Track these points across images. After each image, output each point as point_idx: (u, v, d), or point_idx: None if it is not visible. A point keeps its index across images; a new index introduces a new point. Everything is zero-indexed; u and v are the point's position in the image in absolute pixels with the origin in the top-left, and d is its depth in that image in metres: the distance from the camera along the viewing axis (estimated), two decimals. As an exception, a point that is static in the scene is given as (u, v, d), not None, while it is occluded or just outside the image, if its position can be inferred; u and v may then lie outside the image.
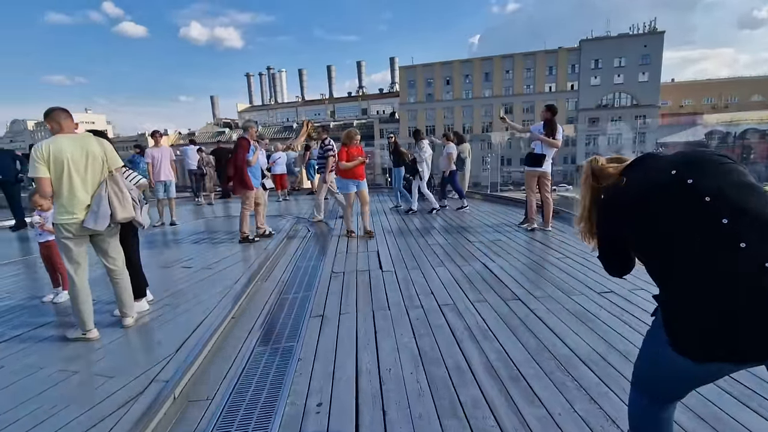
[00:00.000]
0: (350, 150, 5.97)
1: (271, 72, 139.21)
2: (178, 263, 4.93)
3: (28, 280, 4.77)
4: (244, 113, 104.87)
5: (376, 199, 10.67)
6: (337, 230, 6.88)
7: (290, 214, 8.68)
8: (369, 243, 5.81)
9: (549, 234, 5.87)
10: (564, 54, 63.48)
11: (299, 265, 4.88)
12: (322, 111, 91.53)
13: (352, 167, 5.99)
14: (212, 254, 5.38)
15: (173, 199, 7.96)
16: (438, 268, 4.46)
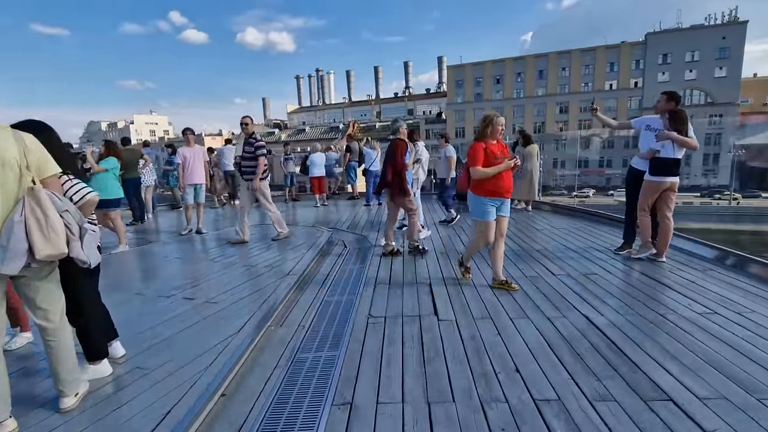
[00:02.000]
0: (489, 147, 3.72)
1: (319, 74, 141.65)
2: (181, 291, 3.97)
3: None
4: (293, 114, 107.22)
5: (425, 206, 9.42)
6: (379, 247, 5.73)
7: (326, 225, 7.63)
8: (419, 270, 4.59)
9: (664, 267, 4.36)
10: (627, 49, 58.78)
11: (327, 300, 3.75)
12: (369, 112, 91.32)
13: (495, 174, 3.69)
14: (225, 278, 4.39)
15: (202, 204, 7.19)
16: (518, 321, 3.15)
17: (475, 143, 3.78)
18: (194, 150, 6.92)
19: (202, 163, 6.98)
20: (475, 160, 3.69)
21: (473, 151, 3.75)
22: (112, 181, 5.79)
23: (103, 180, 5.67)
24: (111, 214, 5.73)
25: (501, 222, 3.86)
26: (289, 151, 11.01)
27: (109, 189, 5.69)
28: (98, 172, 5.77)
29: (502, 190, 3.74)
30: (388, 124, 75.00)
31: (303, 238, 6.28)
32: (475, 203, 3.81)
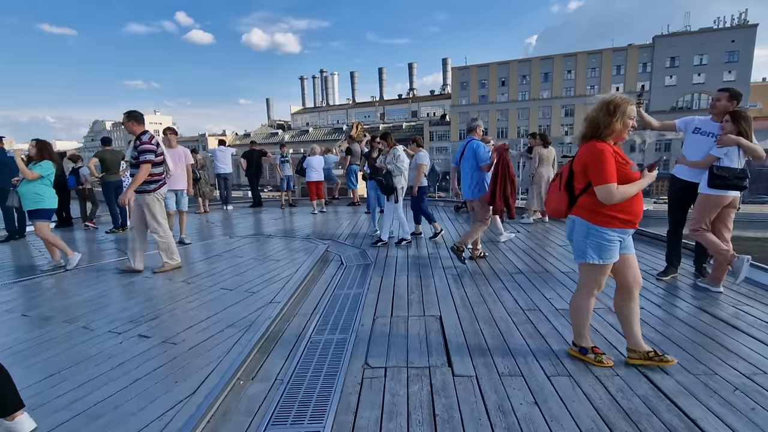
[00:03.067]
0: (619, 155, 2.39)
1: (323, 75, 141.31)
2: (137, 325, 3.27)
3: None
4: (296, 115, 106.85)
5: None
6: (380, 263, 5.02)
7: (322, 236, 6.92)
8: (426, 299, 3.86)
9: (723, 300, 3.63)
10: (634, 51, 57.98)
11: (315, 340, 3.04)
12: (372, 113, 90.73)
13: (635, 194, 2.40)
14: (194, 307, 3.69)
15: (185, 213, 6.50)
16: (558, 380, 2.43)
17: (598, 145, 2.35)
18: (176, 152, 6.22)
19: (184, 166, 6.28)
20: (607, 173, 2.29)
21: (598, 157, 2.32)
22: (46, 189, 4.88)
23: (33, 188, 4.79)
24: (38, 224, 4.90)
25: (632, 263, 2.57)
26: (285, 153, 10.33)
27: (45, 198, 4.86)
28: (32, 179, 4.78)
29: (639, 215, 2.44)
30: (390, 125, 74.33)
31: (294, 253, 5.57)
32: (595, 237, 2.41)
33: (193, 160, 6.51)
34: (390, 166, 5.94)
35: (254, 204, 10.61)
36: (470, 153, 5.10)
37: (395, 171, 5.90)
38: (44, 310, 3.68)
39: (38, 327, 3.30)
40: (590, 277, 2.55)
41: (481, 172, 5.09)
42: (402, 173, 5.94)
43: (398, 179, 5.94)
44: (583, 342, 2.65)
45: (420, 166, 6.15)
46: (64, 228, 8.17)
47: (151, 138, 4.61)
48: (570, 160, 2.55)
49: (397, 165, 5.90)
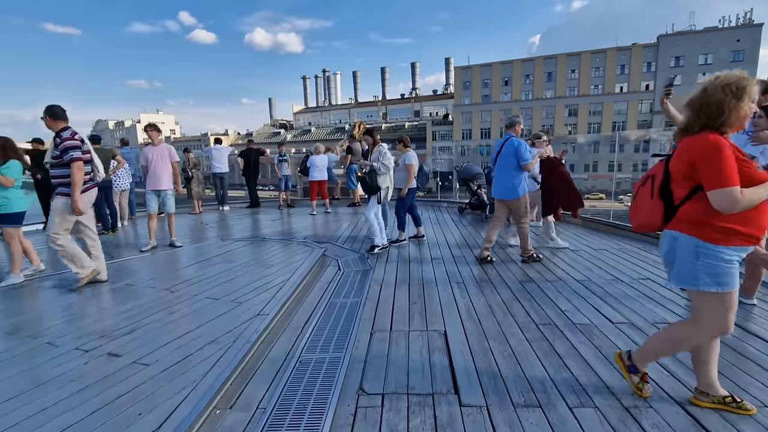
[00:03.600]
0: (738, 151, 1.83)
1: (326, 74, 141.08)
2: (108, 341, 2.95)
3: None
4: (299, 115, 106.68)
5: (429, 216, 8.37)
6: (380, 269, 4.69)
7: (320, 238, 6.60)
8: (429, 311, 3.54)
9: (757, 314, 3.28)
10: (639, 51, 57.48)
11: (305, 359, 2.72)
12: (375, 113, 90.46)
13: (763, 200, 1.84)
14: (171, 321, 3.37)
15: (172, 215, 6.15)
16: (581, 412, 2.10)
17: (711, 138, 1.82)
18: (159, 149, 5.89)
19: (168, 164, 5.94)
20: (727, 174, 1.76)
21: (714, 153, 1.79)
22: (13, 191, 4.45)
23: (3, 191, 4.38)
24: (8, 231, 4.46)
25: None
26: (283, 152, 10.01)
27: (12, 201, 4.43)
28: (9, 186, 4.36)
29: (764, 228, 1.89)
30: (393, 125, 74.00)
31: (289, 258, 5.25)
32: (708, 258, 1.87)
33: (178, 158, 6.11)
34: (375, 164, 5.48)
35: (251, 204, 10.30)
36: (509, 151, 4.83)
37: (381, 169, 5.45)
38: (11, 323, 3.37)
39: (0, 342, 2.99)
40: (713, 310, 1.93)
41: (522, 171, 4.85)
42: (388, 172, 5.55)
43: (383, 178, 5.53)
44: (640, 362, 2.25)
45: (409, 166, 5.80)
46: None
47: (74, 134, 4.07)
48: (663, 159, 2.02)
49: (384, 163, 5.46)
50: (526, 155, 4.76)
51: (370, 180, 5.47)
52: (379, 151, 5.55)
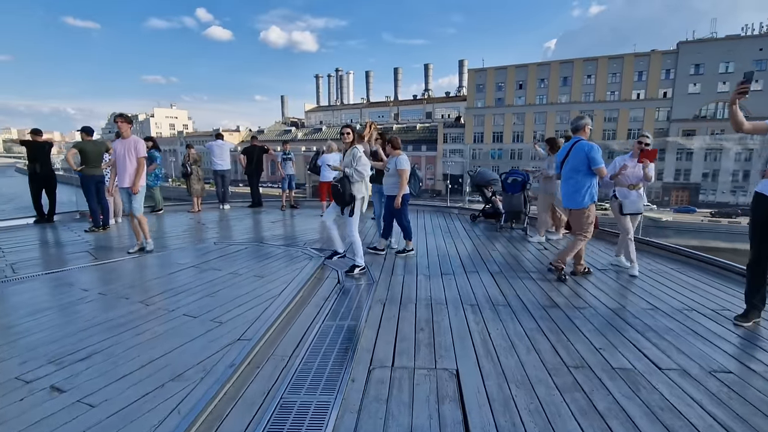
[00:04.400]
0: None
1: (339, 74, 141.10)
2: (56, 370, 2.49)
3: None
4: (310, 113, 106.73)
5: (439, 223, 7.83)
6: (384, 283, 4.19)
7: (322, 245, 6.12)
8: (438, 341, 3.02)
9: None
10: (657, 57, 56.23)
11: (288, 402, 2.23)
12: (386, 113, 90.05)
13: None
14: (132, 345, 2.90)
15: (137, 216, 5.41)
16: None
17: None
18: (127, 143, 5.32)
19: (134, 159, 5.34)
20: None
21: None
22: None
23: None
24: None
25: None
26: (287, 150, 9.55)
27: None
28: None
29: None
30: (404, 126, 73.47)
31: (284, 266, 4.77)
32: None
33: (143, 153, 5.42)
34: (348, 170, 4.63)
35: (253, 204, 9.86)
36: (579, 155, 4.37)
37: (354, 176, 4.62)
38: (-42, 337, 2.93)
39: (-66, 364, 2.55)
40: None
41: (592, 177, 4.37)
42: (363, 179, 4.71)
43: (358, 187, 4.67)
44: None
45: (402, 171, 5.25)
46: (44, 225, 7.51)
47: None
48: None
49: (357, 169, 4.61)
50: (599, 159, 4.28)
51: (342, 189, 4.60)
52: (352, 154, 4.68)
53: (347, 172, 4.64)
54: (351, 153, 4.70)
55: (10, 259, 5.25)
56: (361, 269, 4.71)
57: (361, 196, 4.75)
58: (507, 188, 6.90)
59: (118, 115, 5.28)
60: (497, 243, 6.25)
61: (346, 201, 4.66)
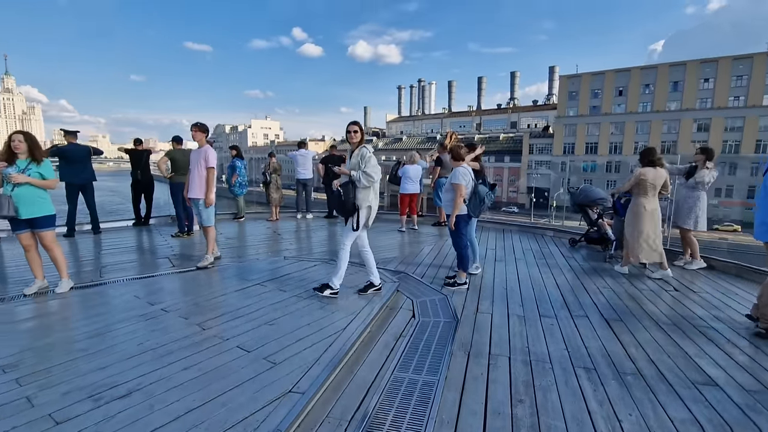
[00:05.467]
0: None
1: (421, 84, 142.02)
2: (93, 407, 2.19)
3: None
4: (391, 123, 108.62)
5: (531, 246, 6.80)
6: (468, 322, 3.46)
7: (397, 267, 5.55)
8: (545, 424, 2.23)
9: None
10: (798, 56, 47.46)
11: None
12: (468, 123, 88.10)
13: None
14: (176, 390, 2.54)
15: (210, 228, 5.27)
16: None
17: None
18: (198, 153, 5.22)
19: (202, 170, 5.15)
20: None
21: None
22: (47, 192, 4.16)
23: (34, 190, 4.04)
24: (47, 234, 4.14)
25: None
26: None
27: (48, 200, 4.14)
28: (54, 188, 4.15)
29: None
30: (487, 136, 70.99)
31: (353, 291, 4.25)
32: None
33: (213, 164, 5.19)
34: (354, 173, 3.96)
35: (329, 215, 9.68)
36: None
37: (361, 181, 3.93)
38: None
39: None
40: None
41: None
42: (372, 185, 4.00)
43: (364, 195, 4.00)
44: None
45: (456, 187, 4.42)
46: (140, 227, 8.00)
47: None
48: None
49: (366, 171, 3.90)
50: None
51: (345, 196, 3.94)
52: (360, 154, 3.96)
53: (353, 176, 3.97)
54: (359, 153, 4.00)
55: (103, 261, 5.49)
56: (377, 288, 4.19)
57: (368, 205, 4.03)
58: (621, 211, 5.71)
59: (193, 124, 5.22)
60: (607, 277, 5.13)
61: (348, 210, 3.99)
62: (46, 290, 4.18)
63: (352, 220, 4.01)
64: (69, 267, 5.09)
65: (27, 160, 4.05)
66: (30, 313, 3.65)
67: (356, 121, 4.07)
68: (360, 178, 3.92)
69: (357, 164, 3.97)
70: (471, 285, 4.66)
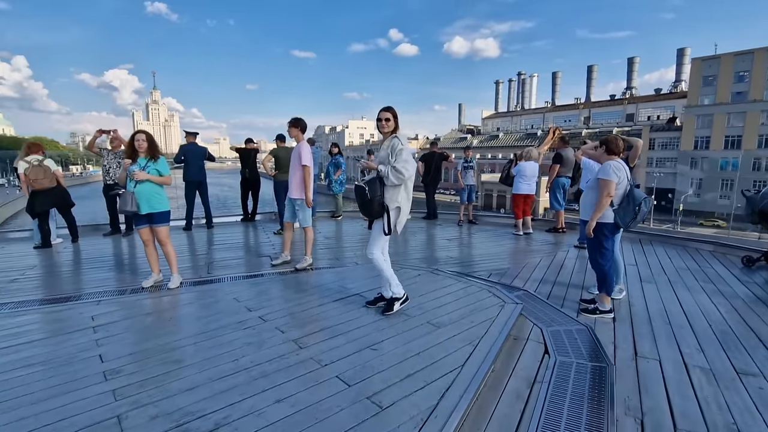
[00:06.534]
0: None
1: (521, 77, 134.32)
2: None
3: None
4: (487, 120, 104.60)
5: (674, 264, 5.36)
6: (626, 367, 2.56)
7: (512, 281, 4.73)
8: None
9: None
10: None
11: None
12: (574, 117, 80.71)
13: None
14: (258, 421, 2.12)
15: (308, 228, 5.00)
16: None
17: None
18: (295, 149, 4.90)
19: (298, 168, 4.87)
20: None
21: None
22: (162, 187, 4.28)
23: (153, 186, 4.18)
24: (163, 230, 4.26)
25: None
26: (470, 156, 8.42)
27: (165, 197, 4.30)
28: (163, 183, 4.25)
29: None
30: (596, 131, 64.11)
31: (468, 311, 3.57)
32: None
33: (308, 162, 4.85)
34: (382, 168, 3.29)
35: (428, 215, 9.07)
36: None
37: (389, 178, 3.25)
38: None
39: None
40: None
41: None
42: (403, 183, 3.30)
43: (392, 194, 3.30)
44: None
45: (605, 184, 3.42)
46: (247, 223, 8.28)
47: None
48: None
49: (396, 167, 3.21)
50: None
51: (371, 194, 3.27)
52: (391, 146, 3.29)
53: (381, 171, 3.28)
54: (389, 144, 3.31)
55: (214, 256, 5.61)
56: (402, 300, 3.53)
57: (396, 206, 3.33)
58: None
59: (288, 121, 4.97)
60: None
61: (373, 211, 3.30)
62: (161, 284, 4.29)
63: (382, 222, 3.34)
64: (184, 261, 5.31)
65: (146, 158, 4.15)
66: (144, 308, 3.70)
67: (389, 107, 3.40)
68: (388, 174, 3.25)
69: (386, 157, 3.30)
70: (617, 313, 3.67)
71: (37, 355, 2.77)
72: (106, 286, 4.31)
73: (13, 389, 2.34)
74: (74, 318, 3.46)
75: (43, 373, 2.53)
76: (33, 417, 2.08)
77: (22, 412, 2.12)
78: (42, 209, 6.04)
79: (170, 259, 4.30)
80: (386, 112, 3.34)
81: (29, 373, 2.53)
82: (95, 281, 4.56)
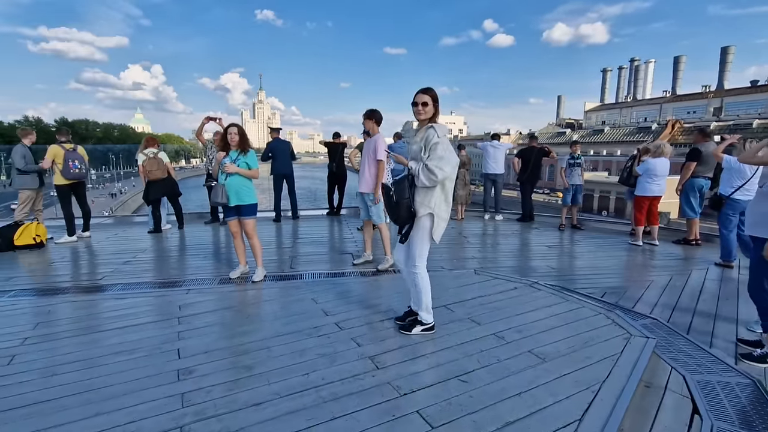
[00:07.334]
0: None
1: (634, 64, 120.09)
2: None
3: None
4: (591, 113, 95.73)
5: None
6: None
7: (636, 305, 3.89)
8: None
9: None
10: None
11: None
12: (701, 108, 69.77)
13: None
14: None
15: (382, 225, 4.70)
16: None
17: None
18: (368, 143, 4.61)
19: (372, 162, 4.60)
20: None
21: None
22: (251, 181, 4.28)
23: (242, 179, 4.20)
24: (250, 222, 4.28)
25: None
26: (577, 152, 7.37)
27: (253, 190, 4.32)
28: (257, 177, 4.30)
29: None
30: (730, 124, 54.51)
31: (578, 340, 2.90)
32: None
33: (381, 156, 4.45)
34: (413, 165, 2.71)
35: (523, 217, 8.21)
36: None
37: (420, 177, 2.65)
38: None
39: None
40: None
41: None
42: (437, 184, 2.67)
43: (423, 197, 2.72)
44: None
45: None
46: (332, 217, 8.29)
47: None
48: None
49: (428, 166, 2.60)
50: None
51: (397, 196, 2.71)
52: (425, 137, 2.68)
53: (412, 169, 2.71)
54: (424, 136, 2.70)
55: (298, 251, 5.62)
56: (427, 327, 2.94)
57: (428, 212, 2.72)
58: None
59: (364, 113, 4.62)
60: None
61: (401, 216, 2.73)
62: (247, 275, 4.33)
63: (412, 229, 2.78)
64: (270, 254, 5.36)
65: (237, 151, 4.17)
66: (227, 301, 3.72)
67: (429, 88, 2.76)
68: (419, 174, 2.66)
69: (418, 152, 2.71)
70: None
71: (126, 343, 2.82)
72: (199, 274, 4.48)
73: (100, 378, 2.36)
74: (165, 306, 3.56)
75: (126, 363, 2.54)
76: (106, 415, 2.02)
77: (98, 407, 2.08)
78: (155, 197, 6.63)
79: (256, 252, 4.31)
80: (424, 94, 2.75)
81: (115, 362, 2.56)
82: (191, 268, 4.78)
